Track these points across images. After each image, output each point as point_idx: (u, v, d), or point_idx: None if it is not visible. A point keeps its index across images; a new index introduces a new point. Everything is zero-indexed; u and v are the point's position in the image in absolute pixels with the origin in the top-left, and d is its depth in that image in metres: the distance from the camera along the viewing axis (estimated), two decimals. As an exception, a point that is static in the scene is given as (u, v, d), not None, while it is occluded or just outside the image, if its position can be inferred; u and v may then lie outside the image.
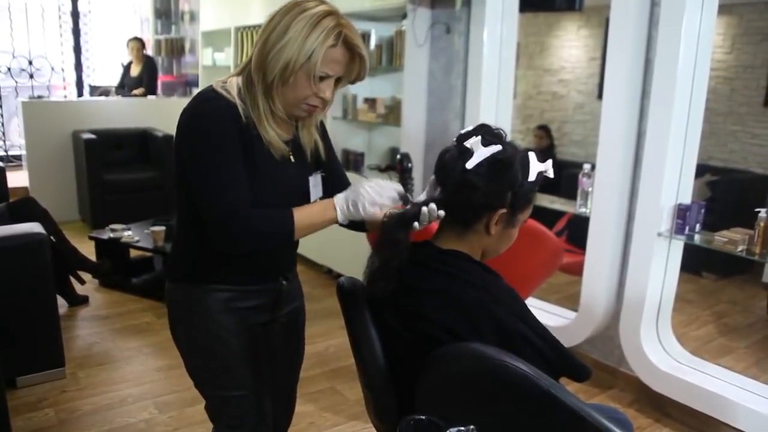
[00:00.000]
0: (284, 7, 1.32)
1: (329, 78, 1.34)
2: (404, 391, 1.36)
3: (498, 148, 1.25)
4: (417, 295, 1.30)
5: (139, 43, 6.58)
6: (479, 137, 1.26)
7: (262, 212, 1.35)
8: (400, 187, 1.40)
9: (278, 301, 1.58)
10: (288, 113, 1.39)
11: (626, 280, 2.72)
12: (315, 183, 1.52)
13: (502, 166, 1.25)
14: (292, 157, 1.45)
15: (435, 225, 1.39)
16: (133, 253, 4.16)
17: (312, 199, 1.50)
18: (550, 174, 1.31)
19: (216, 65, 5.82)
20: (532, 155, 1.29)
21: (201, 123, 1.32)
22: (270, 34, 1.31)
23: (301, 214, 1.36)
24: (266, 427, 1.60)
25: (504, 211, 1.27)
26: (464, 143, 1.27)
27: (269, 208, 1.37)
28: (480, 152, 1.25)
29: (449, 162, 1.29)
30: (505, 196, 1.26)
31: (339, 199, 1.38)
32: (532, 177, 1.28)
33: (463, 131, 1.33)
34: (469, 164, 1.25)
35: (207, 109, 1.33)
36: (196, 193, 1.34)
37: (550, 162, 1.32)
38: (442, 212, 1.30)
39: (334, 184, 1.55)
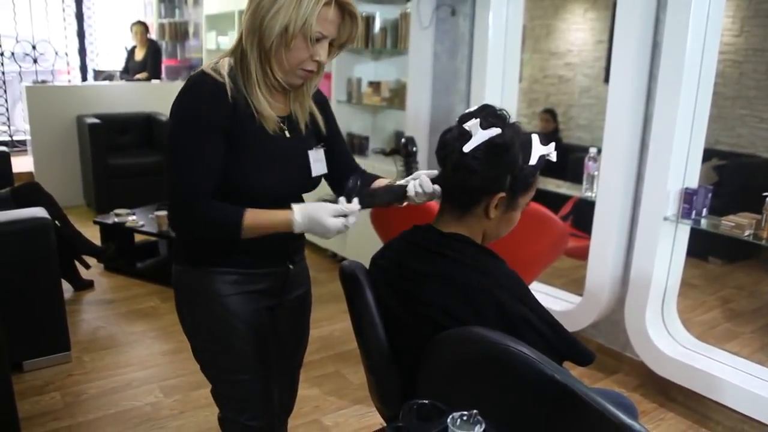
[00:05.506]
0: None
1: (324, 39, 1.36)
2: (407, 375, 1.35)
3: (497, 131, 1.22)
4: (418, 278, 1.30)
5: (143, 27, 6.54)
6: (478, 120, 1.24)
7: (218, 205, 1.36)
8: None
9: (285, 285, 1.59)
10: (285, 81, 1.39)
11: (632, 264, 2.70)
12: (317, 158, 1.51)
13: (499, 150, 1.22)
14: (287, 132, 1.45)
15: (435, 207, 1.38)
16: (138, 237, 4.17)
17: (314, 174, 1.51)
18: (553, 157, 1.28)
19: (220, 49, 5.78)
20: (535, 138, 1.27)
21: (183, 110, 1.35)
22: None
23: (254, 215, 1.34)
24: (271, 412, 1.61)
25: (503, 195, 1.26)
26: (464, 125, 1.26)
27: (269, 184, 1.40)
28: (478, 135, 1.22)
29: (449, 142, 1.27)
30: (504, 180, 1.24)
31: (297, 209, 1.35)
32: (533, 160, 1.26)
33: (466, 111, 1.31)
34: (467, 148, 1.23)
35: (191, 94, 1.35)
36: (165, 172, 1.36)
37: (552, 145, 1.29)
38: (437, 187, 1.35)
39: (337, 162, 1.56)
